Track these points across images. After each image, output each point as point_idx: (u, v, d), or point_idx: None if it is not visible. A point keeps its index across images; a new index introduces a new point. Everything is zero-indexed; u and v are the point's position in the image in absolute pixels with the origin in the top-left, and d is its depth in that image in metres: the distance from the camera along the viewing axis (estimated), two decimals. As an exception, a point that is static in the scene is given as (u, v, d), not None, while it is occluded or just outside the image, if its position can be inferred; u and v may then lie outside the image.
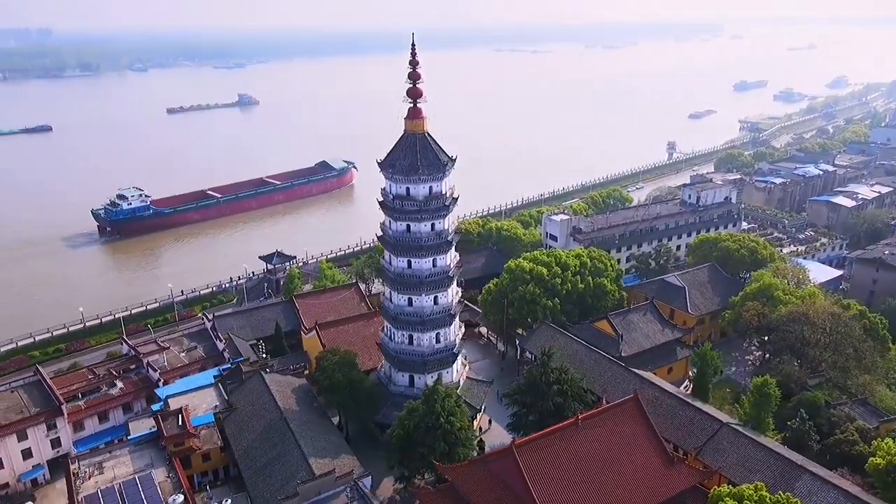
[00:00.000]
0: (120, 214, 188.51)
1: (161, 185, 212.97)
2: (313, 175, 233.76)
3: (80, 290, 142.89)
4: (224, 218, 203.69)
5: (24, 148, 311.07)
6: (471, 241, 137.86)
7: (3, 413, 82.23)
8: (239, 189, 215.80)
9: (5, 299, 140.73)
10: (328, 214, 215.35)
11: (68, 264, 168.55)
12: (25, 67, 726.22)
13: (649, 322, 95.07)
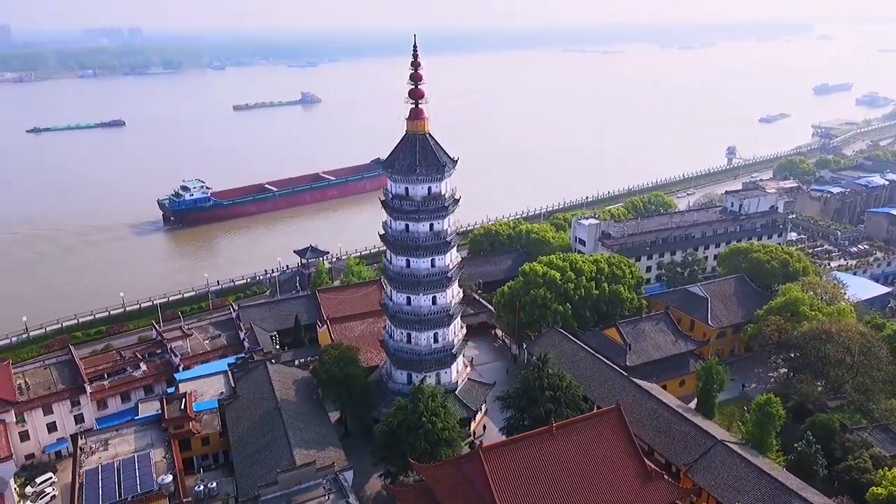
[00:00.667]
0: (182, 205, 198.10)
1: (224, 177, 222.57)
2: (367, 172, 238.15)
3: (133, 275, 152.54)
4: (280, 211, 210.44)
5: (99, 141, 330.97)
6: (500, 242, 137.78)
7: (33, 388, 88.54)
8: (295, 183, 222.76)
9: (69, 281, 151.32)
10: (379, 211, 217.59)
11: (132, 250, 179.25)
12: (114, 65, 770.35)
13: (662, 332, 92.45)
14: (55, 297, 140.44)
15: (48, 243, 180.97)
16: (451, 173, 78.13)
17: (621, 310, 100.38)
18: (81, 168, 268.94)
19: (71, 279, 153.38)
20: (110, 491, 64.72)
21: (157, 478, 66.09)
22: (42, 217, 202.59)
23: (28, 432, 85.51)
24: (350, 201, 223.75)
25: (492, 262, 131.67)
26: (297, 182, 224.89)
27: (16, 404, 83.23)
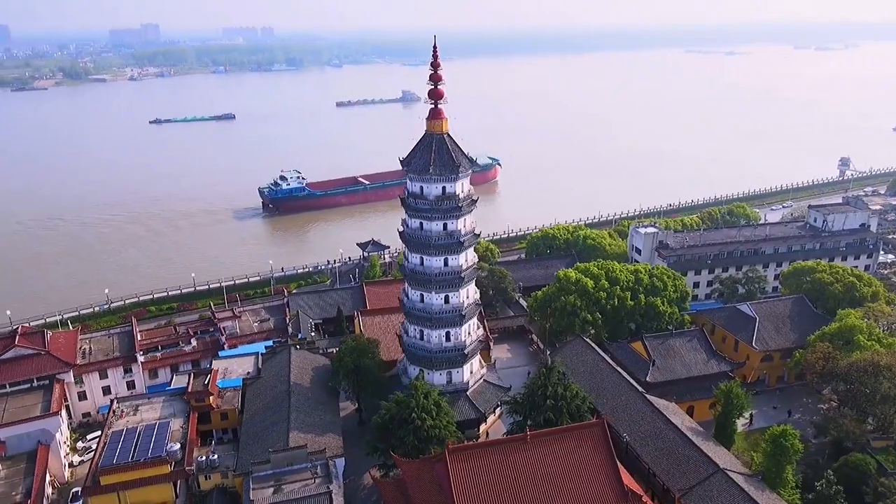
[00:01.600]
0: (279, 193, 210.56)
1: (321, 169, 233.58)
2: None
3: (219, 256, 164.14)
4: (370, 203, 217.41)
5: (211, 132, 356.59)
6: (556, 247, 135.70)
7: (94, 353, 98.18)
8: (385, 178, 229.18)
9: (166, 257, 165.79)
10: None
11: (231, 233, 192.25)
12: (243, 61, 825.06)
13: (693, 350, 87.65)
14: (145, 271, 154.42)
15: (162, 223, 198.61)
16: (466, 174, 78.44)
17: (658, 323, 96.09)
18: (195, 157, 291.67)
19: (168, 256, 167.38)
20: (126, 453, 70.75)
21: (167, 445, 71.50)
22: (158, 199, 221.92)
23: (85, 393, 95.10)
24: None
25: (544, 265, 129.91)
26: (387, 177, 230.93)
27: (75, 367, 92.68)
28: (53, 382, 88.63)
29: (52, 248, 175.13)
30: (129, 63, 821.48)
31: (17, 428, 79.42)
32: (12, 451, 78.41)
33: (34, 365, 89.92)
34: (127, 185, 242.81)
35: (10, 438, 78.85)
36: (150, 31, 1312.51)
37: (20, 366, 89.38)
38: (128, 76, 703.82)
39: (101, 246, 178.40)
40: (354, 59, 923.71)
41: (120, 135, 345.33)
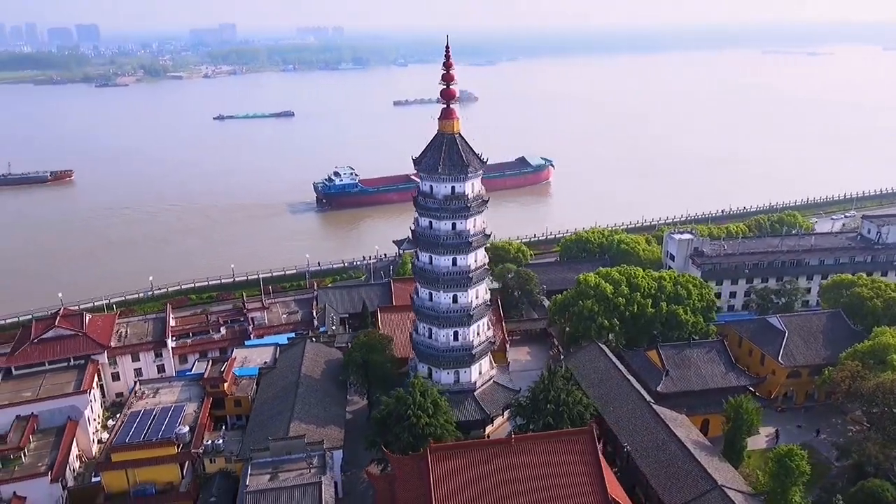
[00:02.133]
0: (332, 188, 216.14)
1: (374, 166, 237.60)
2: (508, 169, 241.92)
3: (269, 248, 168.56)
4: None
5: (270, 129, 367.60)
6: (589, 251, 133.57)
7: (129, 337, 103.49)
8: None
9: (214, 248, 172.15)
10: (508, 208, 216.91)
11: (284, 226, 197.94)
12: (312, 60, 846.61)
13: (711, 361, 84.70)
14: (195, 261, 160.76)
15: (219, 214, 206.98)
16: (476, 174, 78.42)
17: (680, 332, 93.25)
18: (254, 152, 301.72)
19: (217, 247, 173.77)
20: (139, 432, 74.34)
21: (178, 427, 74.71)
22: (217, 192, 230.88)
23: (119, 374, 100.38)
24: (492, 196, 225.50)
25: (574, 269, 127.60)
26: None
27: (109, 349, 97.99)
28: (88, 362, 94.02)
29: (114, 236, 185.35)
30: (206, 61, 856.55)
31: (50, 403, 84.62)
32: (44, 424, 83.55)
33: (71, 345, 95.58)
34: (189, 177, 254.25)
35: (42, 413, 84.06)
36: (227, 31, 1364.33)
37: (59, 345, 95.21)
38: (202, 74, 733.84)
39: (161, 235, 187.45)
40: (420, 58, 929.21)
41: (186, 130, 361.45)
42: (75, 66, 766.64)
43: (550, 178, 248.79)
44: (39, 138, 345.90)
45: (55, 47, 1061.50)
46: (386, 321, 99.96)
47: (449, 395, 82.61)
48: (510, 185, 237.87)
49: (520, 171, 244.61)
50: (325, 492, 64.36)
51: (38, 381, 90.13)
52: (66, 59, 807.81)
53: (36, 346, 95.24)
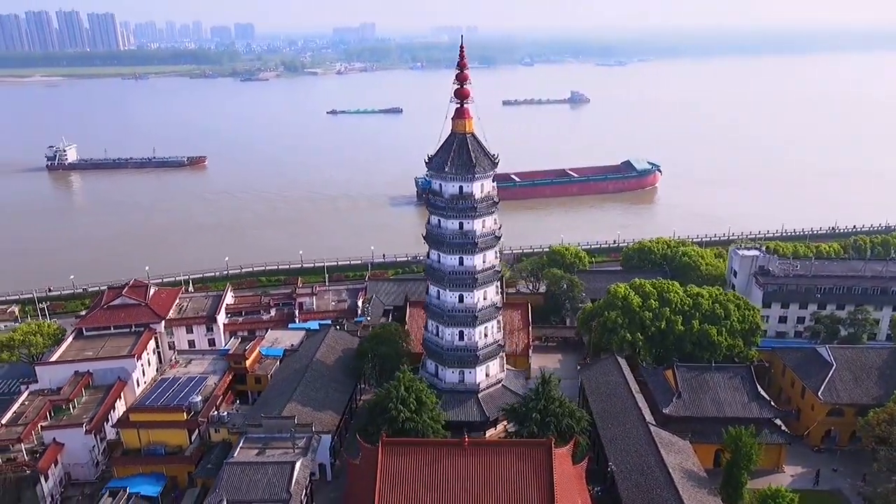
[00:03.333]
0: (428, 184, 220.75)
1: None
2: (612, 173, 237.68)
3: (357, 238, 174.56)
4: (518, 200, 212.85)
5: (379, 124, 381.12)
6: (651, 261, 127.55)
7: (188, 311, 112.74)
8: (538, 177, 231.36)
9: (306, 235, 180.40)
10: (605, 212, 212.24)
11: (382, 217, 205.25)
12: (440, 59, 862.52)
13: (732, 388, 78.44)
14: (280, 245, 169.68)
15: (325, 203, 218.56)
16: (485, 175, 77.79)
17: (712, 354, 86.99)
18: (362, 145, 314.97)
19: (309, 234, 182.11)
20: (159, 397, 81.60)
21: (192, 397, 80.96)
22: (325, 182, 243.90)
23: (174, 343, 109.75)
24: (586, 200, 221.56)
25: (629, 278, 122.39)
26: (540, 175, 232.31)
27: (166, 320, 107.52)
28: (146, 330, 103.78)
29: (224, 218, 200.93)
30: (342, 58, 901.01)
31: (103, 363, 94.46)
32: (98, 382, 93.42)
33: (133, 313, 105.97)
34: (301, 167, 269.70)
35: (97, 371, 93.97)
36: (367, 30, 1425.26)
37: (123, 312, 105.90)
38: (336, 70, 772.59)
39: (266, 219, 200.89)
40: (547, 57, 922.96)
41: (305, 123, 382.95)
42: (227, 61, 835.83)
43: (657, 184, 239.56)
44: (184, 126, 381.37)
45: (214, 44, 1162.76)
46: (413, 315, 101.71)
47: (452, 394, 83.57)
48: (612, 188, 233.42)
49: (623, 176, 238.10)
50: (300, 472, 67.45)
51: (102, 343, 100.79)
52: (220, 55, 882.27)
53: (104, 312, 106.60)
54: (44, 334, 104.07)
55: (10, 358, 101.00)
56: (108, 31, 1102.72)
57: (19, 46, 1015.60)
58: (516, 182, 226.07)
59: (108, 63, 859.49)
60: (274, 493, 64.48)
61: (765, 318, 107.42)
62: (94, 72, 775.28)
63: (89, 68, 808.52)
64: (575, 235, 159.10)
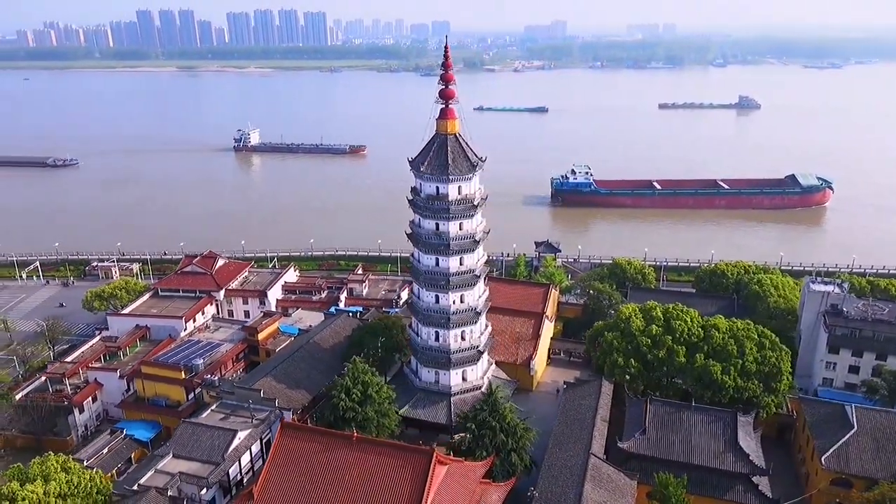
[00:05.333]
0: (566, 186, 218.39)
1: (616, 168, 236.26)
2: (770, 187, 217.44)
3: None
4: (657, 209, 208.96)
5: (522, 122, 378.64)
6: (723, 285, 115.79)
7: (249, 284, 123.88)
8: (681, 186, 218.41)
9: None
10: (757, 229, 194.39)
11: (512, 215, 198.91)
12: (620, 58, 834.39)
13: (709, 434, 69.65)
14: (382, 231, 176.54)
15: None
16: (462, 178, 76.39)
17: (717, 394, 77.62)
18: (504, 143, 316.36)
19: None
20: (173, 355, 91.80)
21: (197, 359, 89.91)
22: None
23: (232, 312, 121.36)
24: (736, 215, 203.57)
25: (692, 303, 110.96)
26: (685, 185, 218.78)
27: (226, 290, 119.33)
28: (205, 297, 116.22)
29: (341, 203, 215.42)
30: (525, 56, 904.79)
31: (159, 321, 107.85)
32: (154, 336, 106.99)
33: (199, 281, 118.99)
34: None
35: (154, 327, 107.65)
36: (558, 28, 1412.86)
37: (190, 279, 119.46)
38: (513, 68, 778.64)
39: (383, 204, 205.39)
40: (743, 58, 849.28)
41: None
42: (414, 57, 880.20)
43: (827, 203, 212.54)
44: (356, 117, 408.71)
45: (409, 41, 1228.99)
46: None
47: (427, 393, 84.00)
48: (767, 204, 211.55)
49: (784, 191, 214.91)
50: (242, 441, 72.55)
51: (168, 303, 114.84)
52: (408, 51, 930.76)
53: (176, 277, 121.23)
54: (129, 290, 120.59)
55: (100, 307, 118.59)
56: (320, 28, 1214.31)
57: (247, 41, 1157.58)
58: (657, 190, 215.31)
59: (314, 57, 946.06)
60: (211, 455, 70.20)
61: (830, 365, 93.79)
62: (300, 64, 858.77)
63: (296, 61, 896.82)
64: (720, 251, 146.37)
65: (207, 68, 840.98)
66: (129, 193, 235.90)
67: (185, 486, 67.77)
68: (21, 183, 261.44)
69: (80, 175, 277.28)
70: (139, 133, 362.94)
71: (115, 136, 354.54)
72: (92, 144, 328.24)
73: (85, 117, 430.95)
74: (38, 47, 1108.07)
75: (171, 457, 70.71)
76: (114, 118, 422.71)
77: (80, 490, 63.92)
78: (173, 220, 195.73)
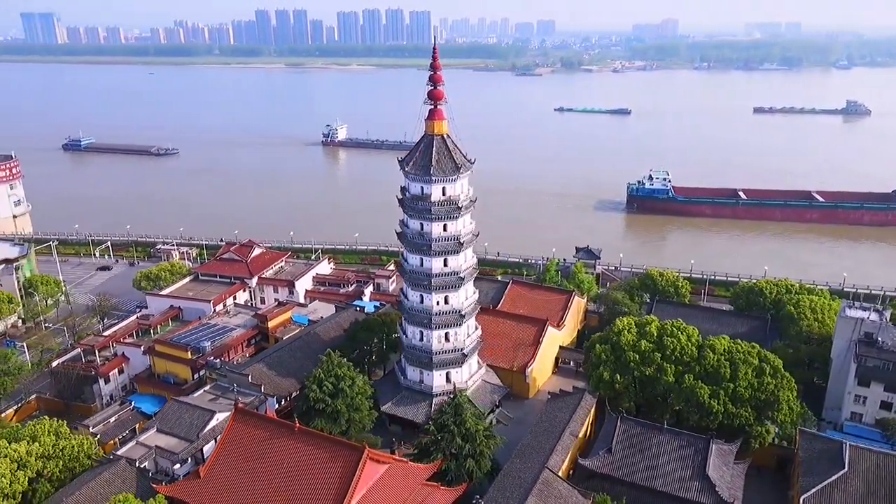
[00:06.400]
0: (641, 192, 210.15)
1: (701, 174, 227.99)
2: (873, 201, 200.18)
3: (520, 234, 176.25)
4: (740, 220, 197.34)
5: (603, 124, 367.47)
6: (759, 304, 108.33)
7: (284, 273, 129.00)
8: (768, 196, 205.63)
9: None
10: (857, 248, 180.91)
11: (578, 218, 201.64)
12: (730, 58, 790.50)
13: (677, 460, 65.56)
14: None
15: (527, 196, 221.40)
16: (445, 179, 75.94)
17: (704, 418, 72.87)
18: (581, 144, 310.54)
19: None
20: (186, 336, 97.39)
21: (205, 342, 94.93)
22: (533, 177, 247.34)
23: (264, 298, 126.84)
24: (829, 231, 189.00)
25: (721, 321, 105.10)
26: (774, 195, 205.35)
27: (259, 278, 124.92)
28: (237, 283, 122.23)
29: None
30: (627, 56, 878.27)
31: (190, 303, 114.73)
32: (185, 317, 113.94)
33: (234, 268, 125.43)
34: (518, 161, 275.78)
35: (186, 309, 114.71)
36: (669, 27, 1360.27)
37: (226, 266, 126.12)
38: (611, 68, 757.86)
39: None
40: (872, 60, 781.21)
41: (526, 119, 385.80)
42: (513, 56, 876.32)
43: None
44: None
45: (512, 40, 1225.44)
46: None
47: (411, 392, 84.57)
48: (868, 220, 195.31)
49: (888, 206, 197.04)
50: (218, 423, 75.85)
51: (204, 287, 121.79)
52: (507, 51, 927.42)
53: (215, 263, 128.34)
54: (174, 272, 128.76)
55: (146, 287, 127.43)
56: (424, 27, 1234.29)
57: (355, 40, 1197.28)
58: (741, 200, 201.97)
59: (414, 55, 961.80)
60: (189, 432, 74.21)
61: (859, 398, 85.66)
62: (399, 62, 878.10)
63: (397, 59, 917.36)
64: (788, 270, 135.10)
65: (313, 65, 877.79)
66: (210, 182, 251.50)
67: (161, 459, 72.12)
68: (125, 168, 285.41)
69: (178, 164, 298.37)
70: (238, 125, 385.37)
71: (217, 127, 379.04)
72: (195, 134, 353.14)
73: (194, 109, 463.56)
74: (168, 44, 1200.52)
75: (154, 431, 75.52)
76: (219, 111, 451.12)
77: (64, 454, 69.28)
78: (241, 209, 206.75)
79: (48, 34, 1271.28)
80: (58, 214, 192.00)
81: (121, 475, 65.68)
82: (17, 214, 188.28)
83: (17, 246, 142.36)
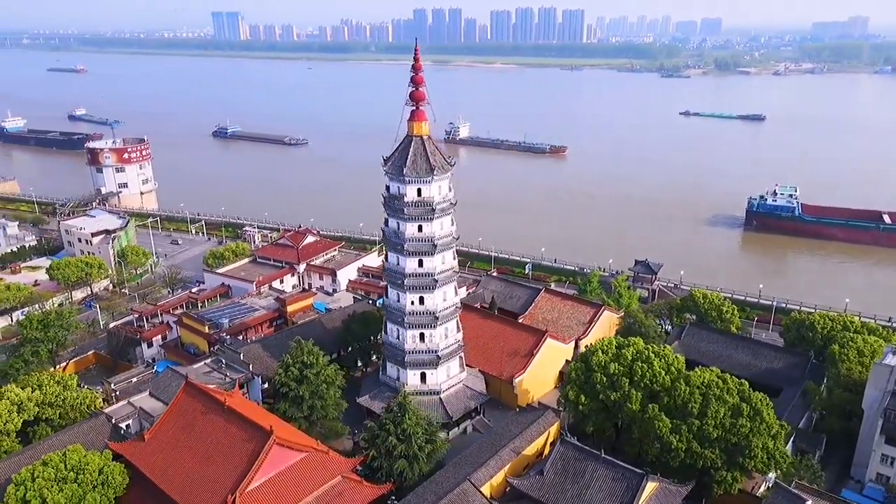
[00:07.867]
0: (763, 208, 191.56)
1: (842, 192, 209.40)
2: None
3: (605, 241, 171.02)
4: (881, 248, 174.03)
5: (736, 131, 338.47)
6: (808, 340, 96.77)
7: (331, 263, 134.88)
8: (828, 214, 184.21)
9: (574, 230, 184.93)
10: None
11: (684, 233, 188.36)
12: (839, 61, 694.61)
13: (606, 493, 60.63)
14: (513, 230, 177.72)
15: (636, 205, 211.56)
16: (419, 180, 75.71)
17: (662, 454, 66.89)
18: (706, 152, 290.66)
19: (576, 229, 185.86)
20: (215, 312, 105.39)
21: (225, 319, 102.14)
22: (649, 184, 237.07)
23: (310, 284, 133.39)
24: None
25: (758, 354, 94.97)
26: (836, 213, 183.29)
27: (306, 264, 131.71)
28: (286, 268, 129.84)
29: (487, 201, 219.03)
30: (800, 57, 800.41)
31: (237, 282, 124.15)
32: (233, 295, 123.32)
33: (286, 253, 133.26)
34: (635, 168, 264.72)
35: (234, 287, 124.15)
36: (857, 25, 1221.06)
37: (279, 251, 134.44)
38: (773, 70, 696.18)
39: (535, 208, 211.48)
40: None
41: (647, 122, 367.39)
42: (664, 56, 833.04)
43: None
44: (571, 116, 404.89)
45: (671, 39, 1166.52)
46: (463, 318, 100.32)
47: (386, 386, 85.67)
48: (884, 242, 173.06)
49: None
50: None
51: (257, 269, 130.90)
52: (658, 50, 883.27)
53: (271, 248, 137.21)
54: (238, 253, 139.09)
55: (213, 265, 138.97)
56: (576, 26, 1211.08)
57: (506, 38, 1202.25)
58: (883, 224, 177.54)
59: (561, 55, 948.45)
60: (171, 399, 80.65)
61: (885, 459, 74.60)
62: (544, 62, 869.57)
63: (542, 58, 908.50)
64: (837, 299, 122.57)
65: (459, 63, 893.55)
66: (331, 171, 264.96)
67: (144, 420, 79.28)
68: (258, 156, 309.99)
69: (306, 153, 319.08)
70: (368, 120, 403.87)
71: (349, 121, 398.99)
72: (327, 127, 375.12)
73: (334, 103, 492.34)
74: (332, 42, 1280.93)
75: (146, 394, 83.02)
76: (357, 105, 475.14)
77: (65, 403, 78.51)
78: (334, 198, 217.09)
79: (233, 31, 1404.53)
80: (178, 194, 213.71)
81: (96, 429, 73.07)
82: (144, 192, 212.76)
83: (121, 219, 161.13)
